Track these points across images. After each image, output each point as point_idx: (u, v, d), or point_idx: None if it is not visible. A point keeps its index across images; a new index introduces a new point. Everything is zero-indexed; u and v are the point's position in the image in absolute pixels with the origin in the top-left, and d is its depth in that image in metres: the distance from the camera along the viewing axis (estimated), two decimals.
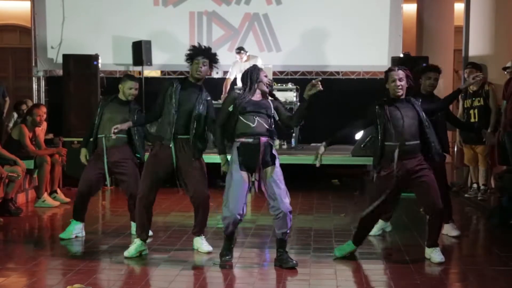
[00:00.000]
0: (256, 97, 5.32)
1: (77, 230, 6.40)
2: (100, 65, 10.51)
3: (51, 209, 8.11)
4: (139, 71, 11.20)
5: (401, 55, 10.65)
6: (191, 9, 11.51)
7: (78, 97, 10.27)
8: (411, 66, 9.86)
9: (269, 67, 10.46)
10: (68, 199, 8.37)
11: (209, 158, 7.07)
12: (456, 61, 13.40)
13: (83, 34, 11.37)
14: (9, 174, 7.50)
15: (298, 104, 10.08)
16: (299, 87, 10.42)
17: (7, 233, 6.77)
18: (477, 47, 9.57)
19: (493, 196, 8.39)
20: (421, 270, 5.32)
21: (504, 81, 8.08)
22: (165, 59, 11.47)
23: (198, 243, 5.81)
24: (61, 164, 8.66)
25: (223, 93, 10.64)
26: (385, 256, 5.81)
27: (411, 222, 7.15)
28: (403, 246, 6.09)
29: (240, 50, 10.62)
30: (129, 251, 5.60)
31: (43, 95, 11.74)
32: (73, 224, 6.42)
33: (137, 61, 11.02)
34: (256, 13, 11.45)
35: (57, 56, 11.32)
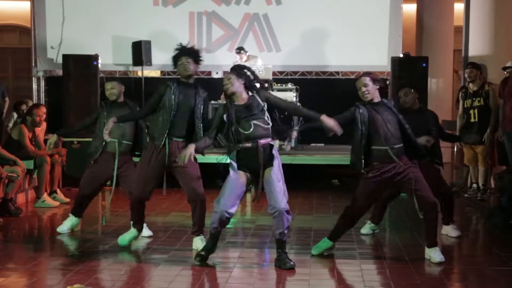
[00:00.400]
0: (241, 101, 5.31)
1: (74, 225, 6.61)
2: (100, 65, 10.52)
3: (51, 209, 8.10)
4: (139, 71, 11.20)
5: (401, 55, 10.65)
6: (191, 9, 11.51)
7: (77, 97, 10.29)
8: (411, 66, 9.99)
9: (268, 67, 10.47)
10: (68, 199, 8.36)
11: (208, 158, 7.07)
12: (456, 61, 13.39)
13: (83, 34, 11.37)
14: (9, 174, 7.50)
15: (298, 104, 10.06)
16: (299, 87, 10.41)
17: (7, 233, 6.76)
18: (477, 47, 9.57)
19: (493, 196, 8.38)
20: (421, 270, 5.32)
21: None
22: (165, 59, 11.40)
23: (197, 243, 5.81)
24: (61, 164, 8.65)
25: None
26: (385, 256, 5.81)
27: (411, 222, 7.14)
28: (403, 246, 6.08)
29: (240, 50, 10.62)
30: (123, 239, 5.87)
31: (43, 95, 11.73)
32: (71, 218, 6.62)
33: (137, 61, 11.01)
34: (256, 13, 11.44)
35: (57, 56, 11.31)
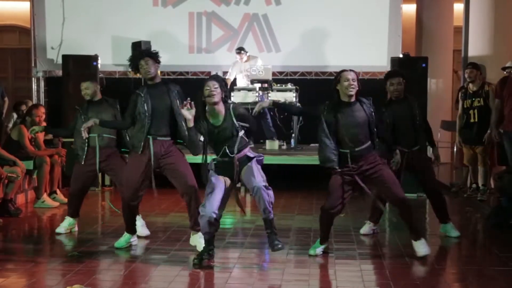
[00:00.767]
0: (217, 116, 5.23)
1: (71, 224, 6.66)
2: (99, 65, 10.51)
3: (51, 210, 8.11)
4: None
5: (401, 55, 10.64)
6: (190, 9, 11.49)
7: (77, 97, 10.19)
8: (411, 66, 9.98)
9: (268, 67, 10.47)
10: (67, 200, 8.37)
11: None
12: (455, 61, 13.38)
13: (83, 34, 11.35)
14: (9, 174, 7.50)
15: (298, 104, 10.07)
16: (299, 88, 10.41)
17: (7, 233, 6.76)
18: (476, 47, 9.57)
19: (492, 196, 8.38)
20: (421, 270, 5.33)
21: None
22: (165, 59, 11.26)
23: (195, 240, 5.81)
24: (61, 164, 8.65)
25: None
26: (385, 256, 5.81)
27: None
28: (402, 246, 6.07)
29: (240, 50, 10.61)
30: (120, 242, 5.94)
31: (42, 95, 11.72)
32: (67, 219, 6.67)
33: None
34: (255, 14, 11.43)
35: (57, 56, 11.30)
